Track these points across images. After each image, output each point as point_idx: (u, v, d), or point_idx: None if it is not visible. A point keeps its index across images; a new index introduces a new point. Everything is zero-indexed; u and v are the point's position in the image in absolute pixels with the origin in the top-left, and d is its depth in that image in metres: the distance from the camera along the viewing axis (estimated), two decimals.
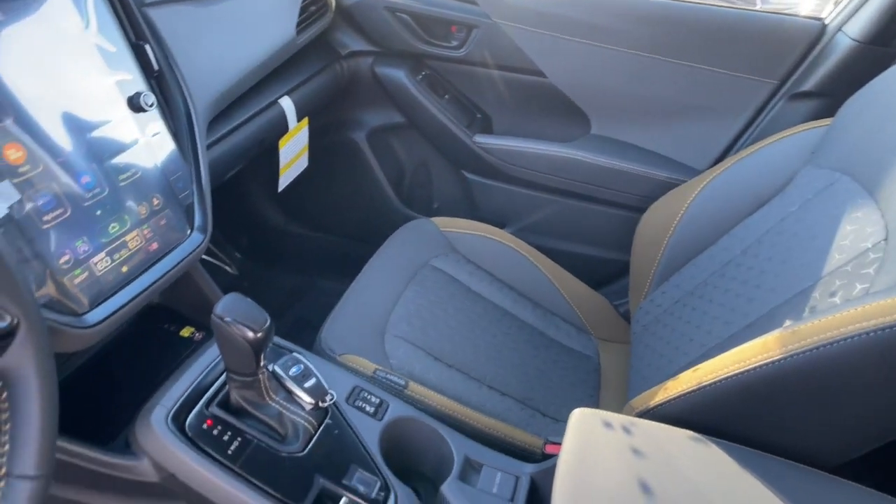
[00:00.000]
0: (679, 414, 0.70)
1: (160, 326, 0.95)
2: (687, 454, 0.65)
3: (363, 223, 1.66)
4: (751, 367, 0.63)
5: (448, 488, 0.80)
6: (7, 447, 0.44)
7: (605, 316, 1.34)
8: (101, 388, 0.85)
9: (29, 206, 0.65)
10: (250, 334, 0.70)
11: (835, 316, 0.58)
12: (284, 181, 1.29)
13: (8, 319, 0.44)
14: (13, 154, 0.64)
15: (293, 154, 1.28)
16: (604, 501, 0.59)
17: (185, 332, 0.94)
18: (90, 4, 0.75)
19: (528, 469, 0.87)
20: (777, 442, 0.66)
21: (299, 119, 1.26)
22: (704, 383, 0.67)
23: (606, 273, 1.51)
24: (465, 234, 1.33)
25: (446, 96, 1.48)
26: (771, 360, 0.61)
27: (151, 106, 0.79)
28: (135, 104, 0.78)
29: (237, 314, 0.71)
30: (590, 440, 0.68)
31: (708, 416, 0.69)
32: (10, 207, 0.63)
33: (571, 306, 1.33)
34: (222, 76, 0.97)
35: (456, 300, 1.22)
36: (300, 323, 1.57)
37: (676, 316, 1.04)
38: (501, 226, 1.51)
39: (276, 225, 1.73)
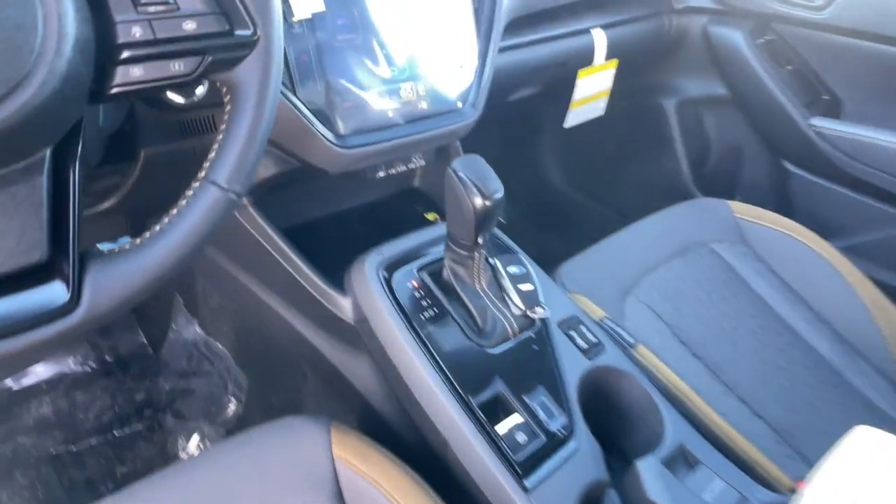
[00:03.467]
0: None
1: (409, 205, 0.96)
2: None
3: (648, 201, 1.50)
4: None
5: (646, 466, 0.63)
6: (213, 154, 0.45)
7: None
8: (343, 237, 0.89)
9: (329, 20, 0.69)
10: (478, 199, 0.64)
11: None
12: (574, 118, 1.21)
13: (250, 30, 0.45)
14: None
15: (591, 92, 1.20)
16: None
17: (431, 215, 0.94)
18: None
19: (764, 497, 0.64)
20: None
21: (608, 58, 1.17)
22: None
23: None
24: (764, 226, 1.08)
25: (788, 67, 1.22)
26: None
27: None
28: None
29: (472, 173, 0.66)
30: (871, 463, 0.45)
31: None
32: (314, 14, 0.68)
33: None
34: None
35: (727, 291, 1.00)
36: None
37: None
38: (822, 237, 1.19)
39: (555, 183, 1.68)
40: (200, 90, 0.66)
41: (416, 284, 0.74)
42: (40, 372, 1.14)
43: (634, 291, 0.95)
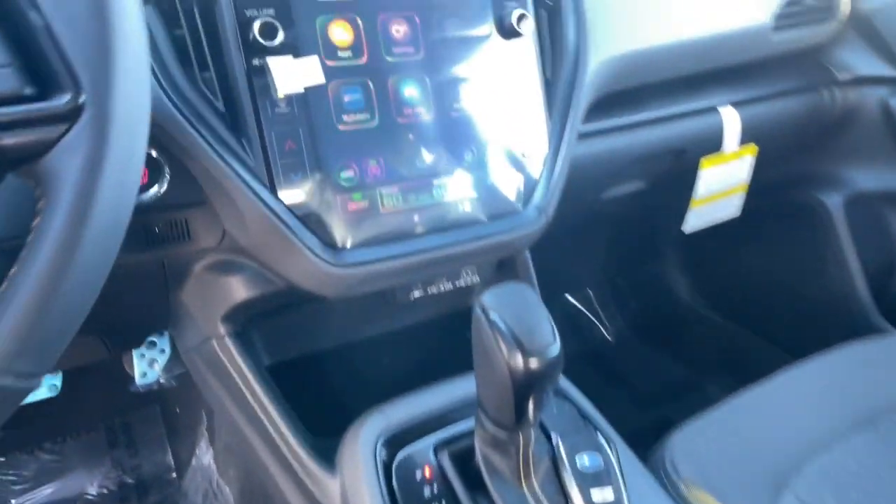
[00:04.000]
0: None
1: (457, 336, 0.73)
2: None
3: (803, 323, 1.14)
4: None
5: None
6: None
7: None
8: (361, 378, 0.67)
9: (331, 95, 0.51)
10: (518, 359, 0.40)
11: None
12: (696, 220, 0.93)
13: (70, 93, 0.26)
14: (339, 33, 0.52)
15: (720, 187, 0.92)
16: None
17: None
18: None
19: None
20: None
21: (742, 143, 0.90)
22: None
23: None
24: None
25: None
26: None
27: (526, 30, 0.58)
28: (505, 23, 0.58)
29: (511, 315, 0.42)
30: None
31: None
32: (307, 89, 0.50)
33: None
34: (635, 35, 0.71)
35: None
36: (658, 423, 1.15)
37: None
38: None
39: (676, 292, 1.36)
40: None
41: (429, 473, 0.49)
42: (53, 492, 1.01)
43: (792, 485, 0.62)
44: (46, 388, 0.95)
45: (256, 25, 0.47)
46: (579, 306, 1.44)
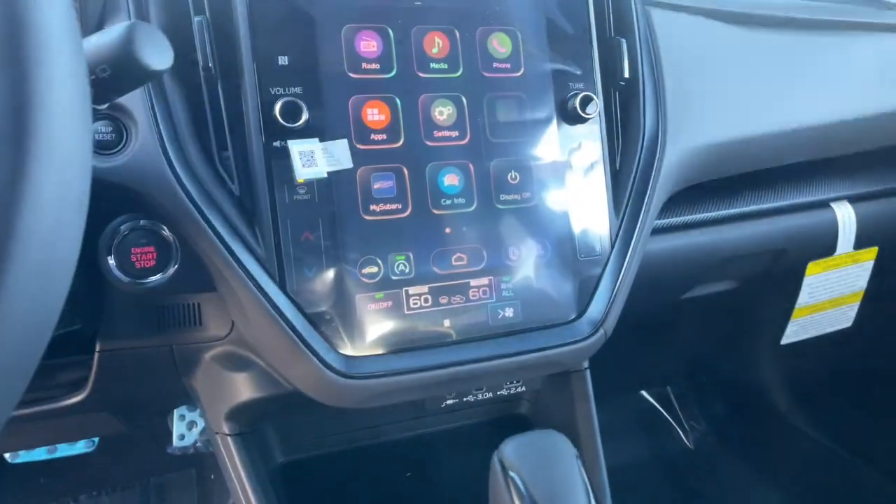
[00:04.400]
0: None
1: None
2: None
3: None
4: None
5: None
6: None
7: None
8: (390, 480, 0.59)
9: (359, 182, 0.46)
10: None
11: None
12: (797, 332, 0.79)
13: None
14: (374, 114, 0.47)
15: (829, 295, 0.78)
16: None
17: None
18: None
19: None
20: None
21: (859, 246, 0.76)
22: None
23: None
24: None
25: None
26: None
27: (592, 115, 0.51)
28: (569, 107, 0.51)
29: (532, 472, 0.33)
30: None
31: None
32: (331, 174, 0.45)
33: None
34: (728, 122, 0.61)
35: None
36: None
37: None
38: None
39: (771, 402, 1.17)
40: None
41: None
42: None
43: None
44: (84, 443, 0.95)
45: (279, 105, 0.43)
46: (656, 405, 1.28)
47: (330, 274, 0.45)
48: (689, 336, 1.20)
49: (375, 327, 0.46)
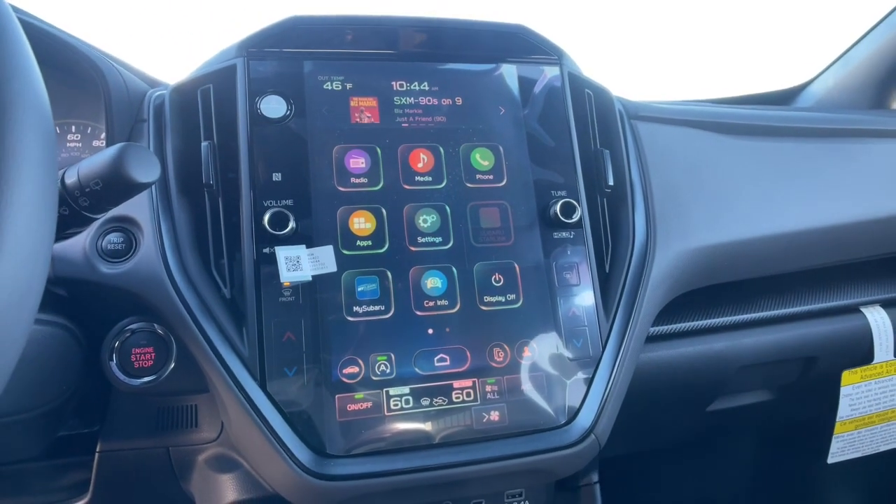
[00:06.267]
0: None
1: None
2: None
3: None
4: None
5: None
6: None
7: None
8: None
9: (343, 285, 0.48)
10: None
11: None
12: (844, 450, 0.71)
13: None
14: (360, 223, 0.50)
15: (876, 408, 0.71)
16: None
17: None
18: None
19: None
20: None
21: None
22: None
23: None
24: None
25: None
26: None
27: (574, 219, 0.53)
28: (551, 214, 0.53)
29: None
30: None
31: None
32: (317, 277, 0.48)
33: None
34: (719, 226, 0.60)
35: None
36: None
37: None
38: None
39: None
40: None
41: None
42: None
43: None
44: None
45: (267, 215, 0.47)
46: None
47: (310, 373, 0.46)
48: (728, 458, 1.09)
49: (354, 428, 0.46)
